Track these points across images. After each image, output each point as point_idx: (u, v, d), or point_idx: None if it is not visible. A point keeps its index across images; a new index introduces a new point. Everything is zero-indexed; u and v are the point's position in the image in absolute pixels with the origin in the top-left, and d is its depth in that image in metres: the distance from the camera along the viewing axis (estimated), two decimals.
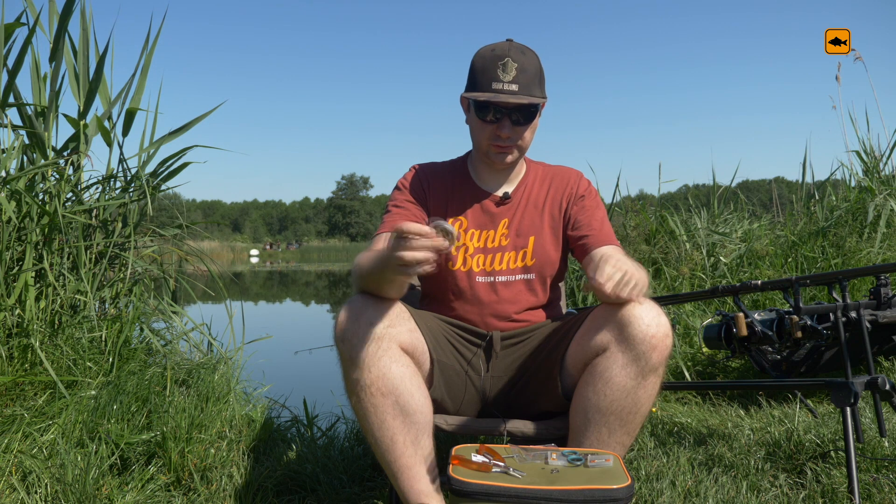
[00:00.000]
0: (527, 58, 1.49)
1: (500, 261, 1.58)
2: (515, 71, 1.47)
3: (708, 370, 2.98)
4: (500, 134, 1.51)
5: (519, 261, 1.58)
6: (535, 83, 1.51)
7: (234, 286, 10.27)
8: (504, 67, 1.47)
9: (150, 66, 2.91)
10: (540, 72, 1.52)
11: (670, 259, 4.06)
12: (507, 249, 1.58)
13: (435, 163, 1.72)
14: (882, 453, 1.77)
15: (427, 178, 1.66)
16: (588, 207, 1.62)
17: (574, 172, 1.69)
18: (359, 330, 1.30)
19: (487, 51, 1.51)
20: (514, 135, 1.52)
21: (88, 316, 2.37)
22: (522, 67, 1.48)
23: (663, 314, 1.34)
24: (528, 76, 1.48)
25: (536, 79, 1.51)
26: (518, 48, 1.50)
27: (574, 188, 1.65)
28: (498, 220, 1.60)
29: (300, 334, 6.63)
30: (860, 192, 3.94)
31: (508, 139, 1.52)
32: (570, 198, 1.63)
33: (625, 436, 1.38)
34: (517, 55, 1.48)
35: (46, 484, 1.68)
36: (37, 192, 2.53)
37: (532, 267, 1.58)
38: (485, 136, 1.54)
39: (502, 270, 1.57)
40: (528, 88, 1.48)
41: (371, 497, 1.82)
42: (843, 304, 1.86)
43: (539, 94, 1.51)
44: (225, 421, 2.09)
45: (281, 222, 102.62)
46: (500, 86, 1.47)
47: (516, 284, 1.58)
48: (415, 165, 1.71)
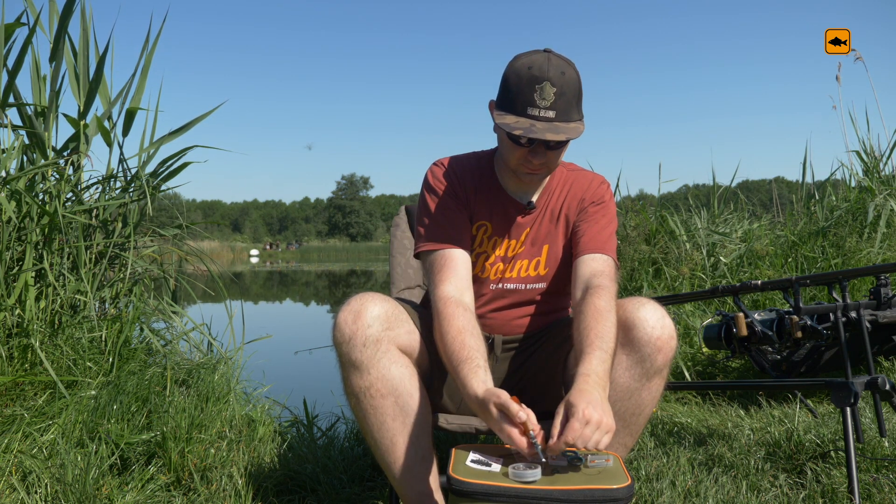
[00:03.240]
0: (566, 78, 1.35)
1: (512, 268, 1.54)
2: (554, 96, 1.33)
3: (708, 370, 2.99)
4: (533, 160, 1.40)
5: (532, 269, 1.54)
6: (574, 106, 1.37)
7: (234, 286, 10.27)
8: (542, 92, 1.33)
9: (150, 66, 2.91)
10: (579, 92, 1.39)
11: (670, 259, 4.06)
12: (522, 257, 1.54)
13: (459, 157, 1.60)
14: (882, 453, 1.77)
15: (458, 175, 1.55)
16: (591, 214, 1.54)
17: (596, 180, 1.59)
18: (358, 331, 1.30)
19: (524, 68, 1.36)
20: (546, 160, 1.42)
21: (88, 316, 2.37)
22: (561, 91, 1.34)
23: (668, 316, 1.34)
24: (567, 100, 1.35)
25: (574, 100, 1.37)
26: (557, 66, 1.35)
27: (586, 195, 1.55)
28: (522, 229, 1.54)
29: (300, 334, 6.63)
30: (860, 192, 3.94)
31: (541, 165, 1.42)
32: (579, 206, 1.55)
33: (627, 437, 1.39)
34: (556, 76, 1.34)
35: (46, 484, 1.68)
36: (37, 192, 2.53)
37: (545, 276, 1.55)
38: (515, 157, 1.42)
39: (512, 278, 1.54)
40: (566, 113, 1.35)
41: (371, 497, 1.82)
42: (843, 304, 1.86)
43: (577, 118, 1.39)
44: (225, 421, 2.09)
45: (281, 222, 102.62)
46: (535, 112, 1.33)
47: (527, 293, 1.55)
48: (440, 161, 1.58)
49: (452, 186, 1.52)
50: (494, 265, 1.53)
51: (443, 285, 1.39)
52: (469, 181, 1.54)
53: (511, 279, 1.54)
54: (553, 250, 1.54)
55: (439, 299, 1.37)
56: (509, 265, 1.54)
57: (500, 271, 1.54)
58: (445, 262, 1.43)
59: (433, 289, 1.41)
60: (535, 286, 1.55)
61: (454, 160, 1.58)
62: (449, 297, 1.36)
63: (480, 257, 1.53)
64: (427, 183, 1.54)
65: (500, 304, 1.55)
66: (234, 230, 79.13)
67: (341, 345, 1.31)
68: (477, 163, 1.58)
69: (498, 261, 1.54)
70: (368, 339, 1.30)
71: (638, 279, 3.98)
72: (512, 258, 1.54)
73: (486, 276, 1.53)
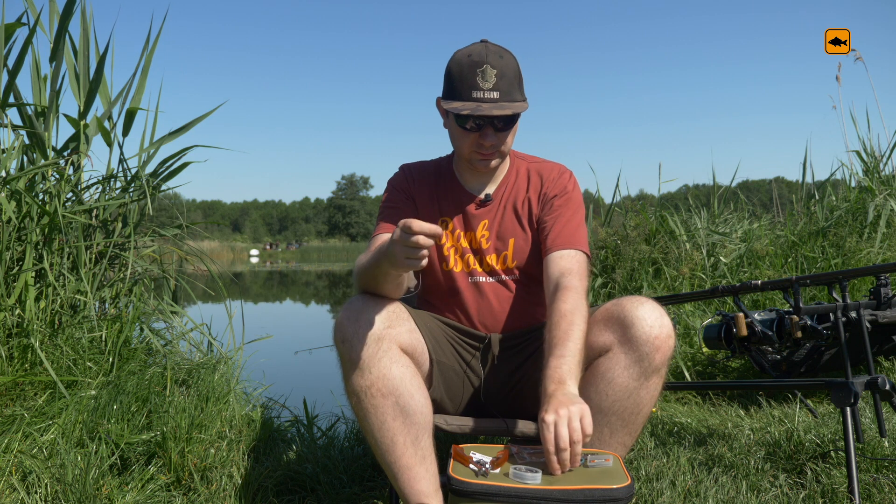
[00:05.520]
0: (505, 61, 1.44)
1: (483, 262, 1.57)
2: (495, 77, 1.42)
3: (708, 370, 2.99)
4: (484, 143, 1.47)
5: (500, 263, 1.57)
6: (516, 87, 1.45)
7: (234, 286, 10.27)
8: (483, 74, 1.42)
9: (150, 67, 2.90)
10: (519, 74, 1.47)
11: (670, 259, 4.06)
12: (489, 252, 1.57)
13: (423, 162, 1.70)
14: (882, 453, 1.77)
15: (414, 178, 1.64)
16: (556, 207, 1.56)
17: (555, 170, 1.62)
18: (359, 331, 1.30)
19: (464, 56, 1.45)
20: (497, 142, 1.47)
21: (88, 316, 2.37)
22: (502, 72, 1.42)
23: (666, 315, 1.35)
24: (508, 81, 1.43)
25: (516, 82, 1.45)
26: (495, 52, 1.44)
27: (548, 189, 1.58)
28: (479, 220, 1.58)
29: (300, 334, 6.63)
30: (860, 192, 3.94)
31: (492, 147, 1.48)
32: (540, 198, 1.58)
33: (626, 436, 1.39)
34: (495, 60, 1.42)
35: (46, 484, 1.68)
36: (37, 192, 2.53)
37: (514, 269, 1.57)
38: (466, 144, 1.49)
39: (484, 272, 1.57)
40: (510, 94, 1.43)
41: (371, 497, 1.82)
42: (843, 304, 1.86)
43: (520, 98, 1.47)
44: (225, 421, 2.09)
45: (281, 222, 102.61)
46: (480, 94, 1.41)
47: (500, 286, 1.57)
48: (403, 165, 1.69)
49: (403, 189, 1.62)
50: (465, 256, 1.57)
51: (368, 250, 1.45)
52: (426, 182, 1.63)
53: (483, 272, 1.58)
54: (518, 244, 1.57)
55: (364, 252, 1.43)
56: (478, 258, 1.58)
57: (472, 263, 1.58)
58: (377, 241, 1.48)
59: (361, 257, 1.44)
60: (508, 278, 1.58)
61: (414, 164, 1.70)
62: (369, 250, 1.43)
63: (451, 251, 1.58)
64: (387, 186, 1.66)
65: (479, 299, 1.57)
66: (234, 230, 79.13)
67: (342, 344, 1.31)
68: (436, 166, 1.67)
69: (467, 252, 1.58)
70: (370, 338, 1.30)
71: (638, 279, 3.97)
72: (480, 251, 1.58)
73: (461, 269, 1.58)
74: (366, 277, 1.36)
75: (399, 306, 1.39)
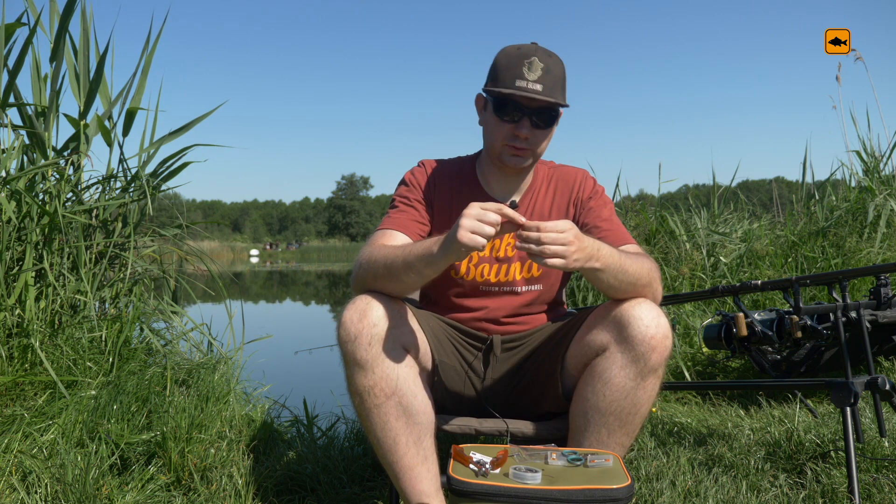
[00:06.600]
0: (553, 61, 1.44)
1: (507, 272, 1.54)
2: (541, 71, 1.41)
3: (708, 370, 2.99)
4: (519, 134, 1.45)
5: (525, 272, 1.55)
6: (559, 88, 1.45)
7: (234, 286, 10.27)
8: (530, 66, 1.41)
9: (150, 67, 2.90)
10: (564, 77, 1.47)
11: (670, 259, 4.06)
12: (514, 260, 1.55)
13: (443, 160, 1.66)
14: (882, 453, 1.77)
15: (435, 176, 1.60)
16: (594, 209, 1.57)
17: (579, 174, 1.63)
18: (363, 330, 1.30)
19: (513, 49, 1.45)
20: (532, 137, 1.46)
21: (88, 316, 2.37)
22: (548, 69, 1.42)
23: (663, 315, 1.34)
24: (553, 78, 1.43)
25: (560, 83, 1.45)
26: (545, 51, 1.44)
27: (579, 192, 1.59)
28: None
29: (300, 334, 6.64)
30: (860, 192, 3.94)
31: (526, 140, 1.46)
32: (576, 204, 1.58)
33: (624, 436, 1.38)
34: (544, 57, 1.43)
35: (46, 484, 1.68)
36: (37, 192, 2.53)
37: (539, 278, 1.56)
38: (501, 135, 1.47)
39: (508, 282, 1.55)
40: (552, 91, 1.43)
41: (371, 497, 1.82)
42: (843, 304, 1.86)
43: (562, 99, 1.46)
44: (225, 421, 2.09)
45: (281, 222, 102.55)
46: (524, 84, 1.41)
47: (522, 296, 1.56)
48: (423, 161, 1.65)
49: (421, 186, 1.58)
50: (480, 266, 1.54)
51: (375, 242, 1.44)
52: (446, 184, 1.59)
53: (507, 283, 1.55)
54: None
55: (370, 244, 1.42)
56: (501, 268, 1.54)
57: (487, 273, 1.54)
58: (386, 236, 1.47)
59: (364, 248, 1.42)
60: (531, 287, 1.56)
61: (437, 163, 1.64)
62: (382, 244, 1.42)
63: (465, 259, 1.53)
64: (403, 179, 1.61)
65: (496, 306, 1.55)
66: (234, 230, 79.08)
67: (346, 343, 1.31)
68: (459, 165, 1.63)
69: (483, 262, 1.54)
70: (374, 337, 1.30)
71: None
72: (501, 260, 1.55)
73: (473, 277, 1.54)
74: (382, 270, 1.33)
75: (403, 306, 1.38)
